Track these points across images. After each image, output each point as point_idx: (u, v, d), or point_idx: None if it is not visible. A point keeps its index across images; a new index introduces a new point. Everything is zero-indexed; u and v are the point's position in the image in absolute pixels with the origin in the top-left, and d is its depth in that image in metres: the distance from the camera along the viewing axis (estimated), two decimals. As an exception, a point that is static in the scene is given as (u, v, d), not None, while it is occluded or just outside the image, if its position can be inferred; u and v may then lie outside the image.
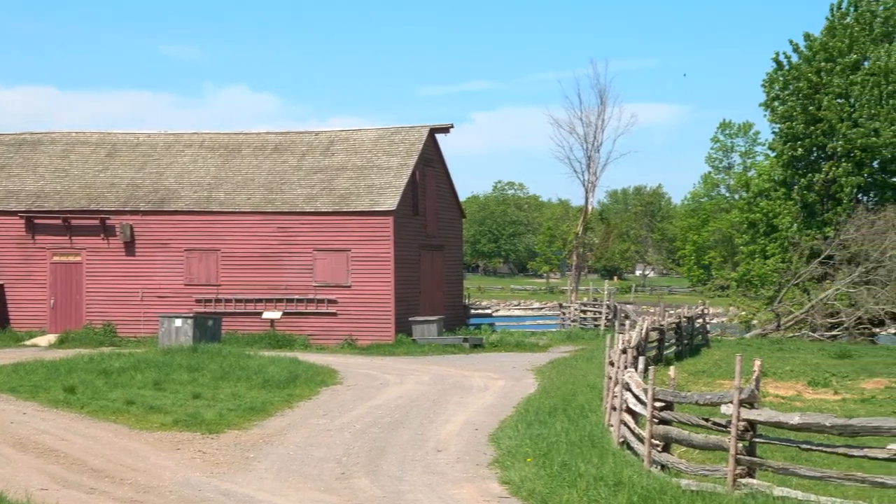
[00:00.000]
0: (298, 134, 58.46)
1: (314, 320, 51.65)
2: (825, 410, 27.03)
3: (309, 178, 54.14)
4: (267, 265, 52.33)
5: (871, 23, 72.90)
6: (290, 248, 52.15)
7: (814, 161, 72.62)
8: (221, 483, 19.76)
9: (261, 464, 21.60)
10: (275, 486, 19.46)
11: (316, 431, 25.48)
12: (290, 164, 55.35)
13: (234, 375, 34.35)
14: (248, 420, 26.99)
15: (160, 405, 28.48)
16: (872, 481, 14.40)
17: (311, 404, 30.52)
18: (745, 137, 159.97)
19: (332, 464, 21.50)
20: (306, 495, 18.73)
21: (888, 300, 61.53)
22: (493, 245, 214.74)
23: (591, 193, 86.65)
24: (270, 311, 52.07)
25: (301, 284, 51.93)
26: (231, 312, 51.78)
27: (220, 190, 54.23)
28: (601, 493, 16.78)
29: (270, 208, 52.77)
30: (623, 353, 24.05)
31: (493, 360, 45.09)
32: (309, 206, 52.43)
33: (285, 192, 53.55)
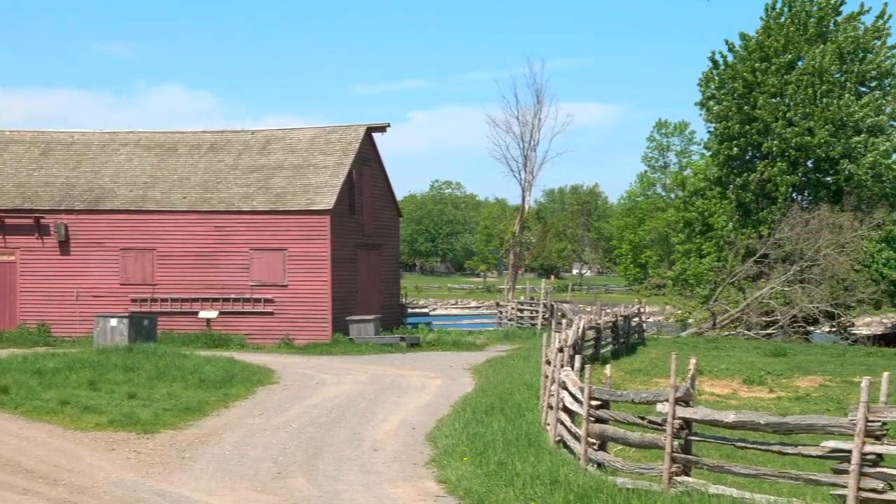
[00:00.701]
0: (235, 133, 58.20)
1: (251, 320, 51.46)
2: (760, 408, 27.23)
3: (245, 177, 53.91)
4: (203, 264, 52.06)
5: (806, 23, 73.48)
6: (226, 247, 51.91)
7: (749, 160, 73.15)
8: (156, 483, 19.60)
9: (196, 464, 21.44)
10: (210, 486, 19.32)
11: (252, 431, 25.34)
12: (226, 163, 55.09)
13: (169, 375, 34.14)
14: (183, 420, 26.80)
15: (95, 405, 28.22)
16: (806, 478, 14.50)
17: (248, 404, 30.36)
18: (681, 137, 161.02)
19: (269, 463, 21.38)
20: (242, 495, 18.62)
21: (822, 299, 62.10)
22: (430, 244, 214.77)
23: (528, 192, 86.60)
24: (207, 311, 51.81)
25: (237, 284, 51.71)
26: (167, 312, 51.47)
27: (155, 189, 53.88)
28: (537, 492, 16.79)
29: (206, 207, 52.49)
30: (560, 352, 24.10)
31: (431, 359, 45.06)
32: (245, 205, 52.20)
33: (221, 191, 53.29)
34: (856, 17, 74.77)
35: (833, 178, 71.37)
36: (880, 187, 70.20)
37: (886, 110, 72.26)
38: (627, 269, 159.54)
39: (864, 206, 67.51)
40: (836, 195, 70.05)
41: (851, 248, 63.81)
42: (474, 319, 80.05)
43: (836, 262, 62.96)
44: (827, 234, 63.60)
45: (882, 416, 13.45)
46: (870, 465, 13.49)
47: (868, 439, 13.50)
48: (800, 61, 71.97)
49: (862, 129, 69.94)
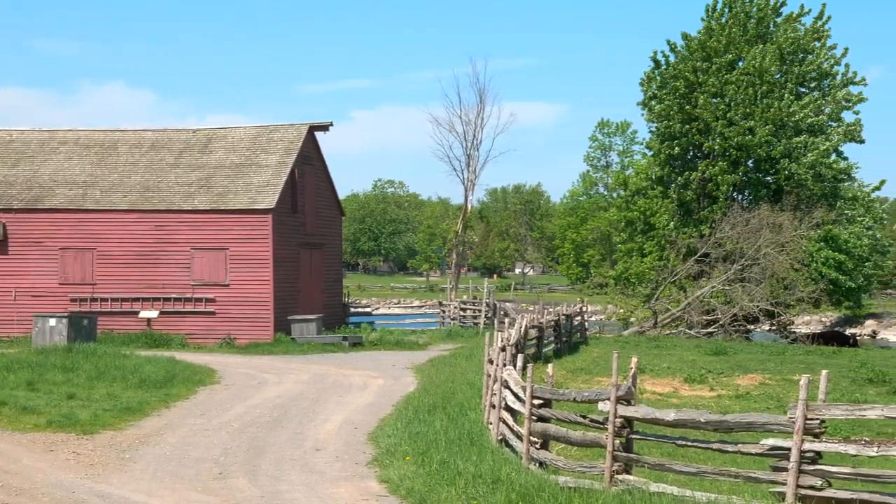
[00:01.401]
0: (176, 131, 57.83)
1: (192, 319, 51.21)
2: (701, 407, 27.32)
3: (186, 176, 53.64)
4: (144, 264, 51.77)
5: (746, 24, 73.99)
6: (167, 246, 51.64)
7: (690, 160, 73.55)
8: (96, 484, 19.43)
9: (137, 464, 21.28)
10: (151, 487, 19.18)
11: (193, 431, 25.20)
12: (167, 162, 54.78)
13: (109, 375, 33.90)
14: (123, 420, 26.62)
15: (33, 406, 27.97)
16: (746, 476, 14.58)
17: (189, 404, 30.20)
18: (623, 136, 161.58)
19: (210, 464, 21.26)
20: (183, 496, 18.50)
21: (762, 298, 62.51)
22: (373, 243, 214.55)
23: (471, 192, 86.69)
24: (147, 311, 51.52)
25: (179, 283, 51.46)
26: (107, 312, 51.16)
27: (95, 188, 53.50)
28: (479, 491, 16.78)
29: (147, 206, 52.19)
30: (502, 351, 24.12)
31: (373, 358, 45.00)
32: (186, 204, 51.94)
33: (162, 190, 52.99)
34: (795, 19, 75.40)
35: (773, 178, 71.83)
36: (820, 187, 70.75)
37: (826, 111, 72.85)
38: (570, 268, 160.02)
39: (804, 206, 68.01)
40: (776, 195, 70.54)
41: (791, 248, 64.27)
42: (417, 319, 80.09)
43: (776, 261, 63.38)
44: (767, 233, 64.02)
45: (820, 414, 13.53)
46: (808, 463, 13.57)
47: (807, 437, 13.58)
48: (740, 62, 72.46)
49: (802, 129, 70.52)
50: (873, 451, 12.89)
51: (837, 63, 74.77)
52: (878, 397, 32.24)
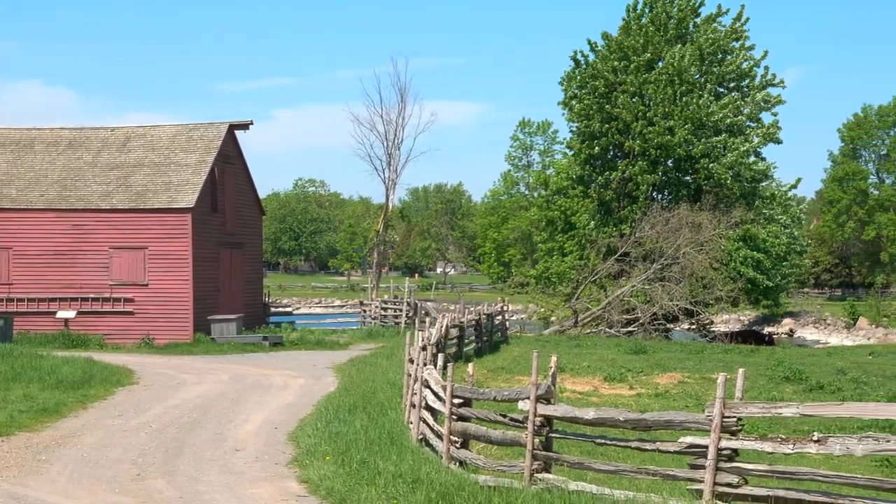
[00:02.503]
0: (94, 129, 57.31)
1: (110, 319, 50.81)
2: (620, 405, 27.47)
3: (105, 175, 53.18)
4: (61, 263, 51.29)
5: (666, 24, 74.51)
6: (85, 245, 51.20)
7: (611, 159, 73.94)
8: (11, 486, 19.18)
9: (53, 466, 21.04)
10: (68, 489, 18.97)
11: (111, 432, 24.96)
12: (85, 161, 54.28)
13: (25, 376, 33.52)
14: (40, 421, 26.31)
15: (-53, 408, 27.62)
16: (664, 474, 14.66)
17: (107, 405, 29.91)
18: (545, 136, 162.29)
19: (128, 465, 21.07)
20: (100, 497, 18.31)
21: (682, 297, 62.97)
22: (294, 243, 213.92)
23: (392, 191, 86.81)
24: (65, 311, 51.04)
25: (97, 283, 51.03)
26: (23, 312, 50.66)
27: (11, 186, 52.91)
28: (400, 491, 16.76)
29: (65, 205, 51.70)
30: (423, 351, 24.11)
31: (294, 358, 44.87)
32: (105, 203, 51.51)
33: (80, 188, 52.51)
34: (714, 19, 76.08)
35: (693, 178, 72.39)
36: (739, 186, 71.42)
37: (745, 111, 73.52)
38: (491, 267, 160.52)
39: (723, 206, 68.65)
40: (695, 194, 71.10)
41: (710, 247, 64.79)
42: (338, 318, 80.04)
43: (695, 260, 63.86)
44: (687, 232, 64.49)
45: (737, 412, 13.63)
46: (725, 460, 13.67)
47: (724, 435, 13.67)
48: (660, 61, 72.92)
49: (721, 129, 71.15)
50: (789, 448, 13.00)
51: (756, 65, 75.54)
52: (795, 395, 32.59)
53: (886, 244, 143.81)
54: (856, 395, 32.57)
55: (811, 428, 22.42)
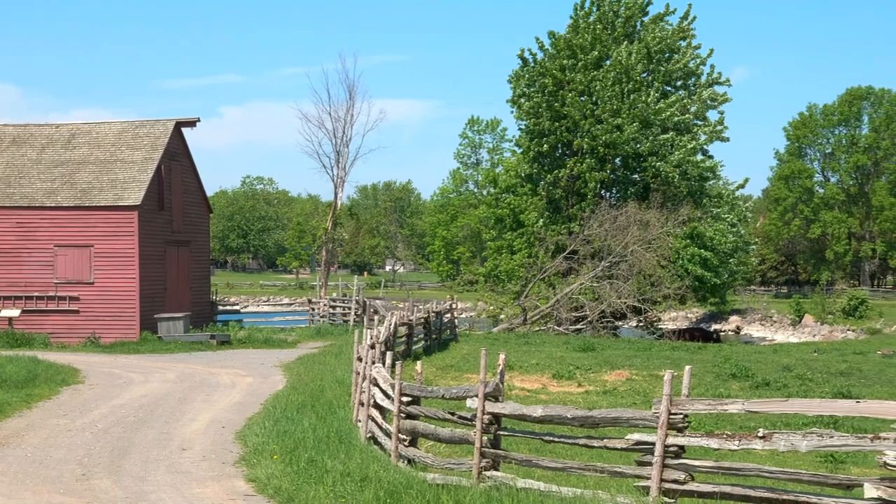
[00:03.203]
0: (38, 126, 56.89)
1: (55, 318, 50.47)
2: (569, 403, 27.53)
3: (49, 172, 52.80)
4: (5, 262, 50.96)
5: (613, 22, 74.79)
6: (29, 243, 50.83)
7: (559, 157, 74.08)
8: (-46, 487, 19.01)
9: (-3, 466, 20.88)
10: (11, 490, 18.79)
11: (56, 432, 24.77)
12: (29, 158, 53.87)
13: (-31, 376, 33.22)
14: (-16, 422, 26.11)
15: None
16: (611, 471, 14.69)
17: (51, 404, 29.69)
18: (494, 134, 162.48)
19: (73, 465, 20.91)
20: (45, 498, 18.15)
21: (630, 294, 63.19)
22: (241, 240, 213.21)
23: (341, 189, 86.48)
24: (8, 309, 50.67)
25: (41, 281, 50.67)
26: (-32, 311, 50.23)
27: (-45, 184, 52.48)
28: (348, 489, 16.71)
29: (8, 203, 51.30)
30: (371, 349, 24.05)
31: (241, 356, 44.73)
32: (49, 200, 51.14)
33: (24, 186, 52.10)
34: (662, 18, 76.43)
35: (641, 176, 72.70)
36: (686, 185, 71.77)
37: (692, 109, 73.90)
38: (440, 265, 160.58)
39: (671, 204, 68.96)
40: (643, 192, 71.39)
41: (658, 245, 65.06)
42: (286, 317, 79.62)
43: (643, 258, 64.09)
44: (635, 230, 64.72)
45: (684, 409, 13.68)
46: (672, 457, 13.72)
47: (671, 431, 13.72)
48: (608, 60, 73.15)
49: (669, 127, 71.44)
50: (735, 444, 13.07)
51: (703, 63, 76.00)
52: (742, 392, 32.77)
53: (831, 242, 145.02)
54: (801, 392, 32.80)
55: (757, 424, 22.55)
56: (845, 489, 12.51)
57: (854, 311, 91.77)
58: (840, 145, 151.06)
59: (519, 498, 14.79)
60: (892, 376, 38.35)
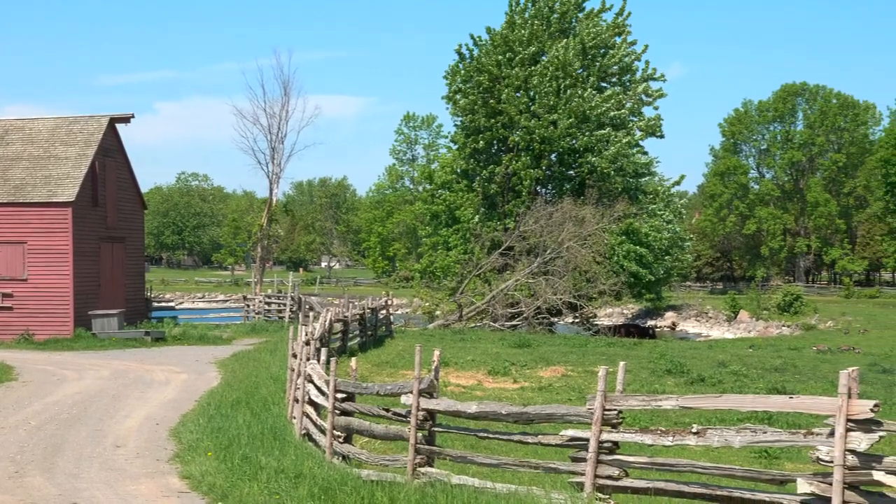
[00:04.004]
0: (-30, 122, 56.29)
1: (-12, 315, 49.98)
2: (504, 399, 27.60)
3: (-18, 168, 52.28)
4: (-63, 258, 50.35)
5: (549, 18, 75.04)
6: (-39, 240, 50.29)
7: (495, 154, 74.26)
8: None
9: (-72, 465, 20.65)
10: (-58, 488, 18.62)
11: (-12, 430, 24.55)
12: (-39, 154, 53.32)
13: None
14: (-86, 420, 25.82)
15: None
16: (546, 467, 14.73)
17: (-16, 402, 29.43)
18: (429, 130, 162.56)
19: (6, 462, 20.72)
20: (-24, 496, 18.00)
21: (565, 290, 63.41)
22: (176, 237, 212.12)
23: (276, 185, 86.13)
24: (-59, 306, 50.14)
25: (-26, 278, 50.15)
26: None
27: None
28: (282, 486, 16.67)
29: (-59, 199, 50.76)
30: (306, 345, 24.01)
31: (176, 353, 44.51)
32: (-18, 196, 50.64)
33: (-43, 182, 51.57)
34: (597, 14, 76.77)
35: (576, 172, 72.98)
36: (622, 181, 72.11)
37: (627, 105, 74.26)
38: (376, 261, 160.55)
39: (606, 200, 69.26)
40: (579, 189, 71.67)
41: (593, 241, 65.33)
42: (221, 313, 79.38)
43: (578, 254, 64.33)
44: (570, 226, 64.96)
45: (618, 405, 13.73)
46: (606, 453, 13.76)
47: (605, 427, 13.77)
48: (543, 55, 73.37)
49: (604, 122, 71.76)
50: (668, 440, 13.13)
51: (638, 59, 76.44)
52: (677, 388, 32.94)
53: (767, 238, 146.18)
54: (736, 388, 33.00)
55: (692, 420, 22.69)
56: (779, 485, 12.60)
57: (789, 306, 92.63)
58: (775, 142, 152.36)
59: (453, 494, 14.79)
60: (827, 372, 38.65)
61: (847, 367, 11.37)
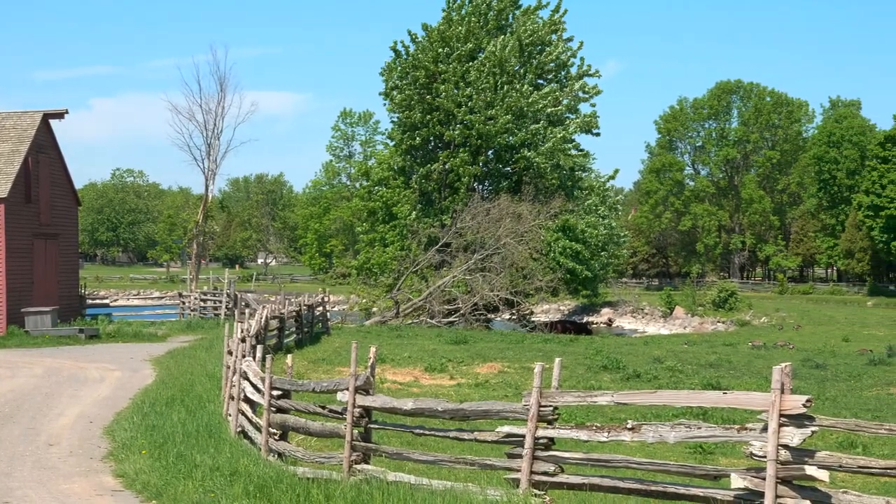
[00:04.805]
0: None
1: (-81, 312, 49.43)
2: (441, 396, 27.58)
3: (-88, 164, 51.66)
4: None
5: (486, 15, 75.18)
6: None
7: (432, 150, 74.30)
8: None
9: None
10: None
11: (-81, 429, 24.25)
12: None
13: None
14: None
15: None
16: (482, 463, 14.73)
17: (-86, 401, 29.07)
18: (366, 126, 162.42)
19: (-64, 462, 20.49)
20: None
21: (502, 287, 63.50)
22: (111, 233, 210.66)
23: (212, 181, 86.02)
24: None
25: None
26: None
27: None
28: (217, 484, 16.56)
29: None
30: (242, 342, 23.90)
31: (111, 350, 44.17)
32: (-87, 192, 50.05)
33: None
34: (533, 11, 76.98)
35: (513, 168, 73.15)
36: (558, 176, 72.32)
37: (564, 101, 74.54)
38: (313, 258, 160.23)
39: (543, 196, 69.46)
40: (516, 185, 71.85)
41: (530, 238, 65.50)
42: (157, 310, 78.93)
43: (515, 250, 64.47)
44: (507, 223, 65.08)
45: (554, 401, 13.74)
46: (542, 449, 13.77)
47: (541, 424, 13.78)
48: (481, 52, 73.49)
49: (541, 118, 71.98)
50: (604, 436, 13.16)
51: (574, 56, 76.77)
52: (613, 384, 33.09)
53: (702, 234, 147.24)
54: (671, 384, 33.21)
55: (627, 416, 22.79)
56: (713, 480, 12.67)
57: (724, 302, 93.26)
58: (710, 139, 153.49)
59: (389, 491, 14.75)
60: (761, 368, 38.98)
61: (781, 363, 11.43)
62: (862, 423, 11.25)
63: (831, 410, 27.72)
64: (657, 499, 12.98)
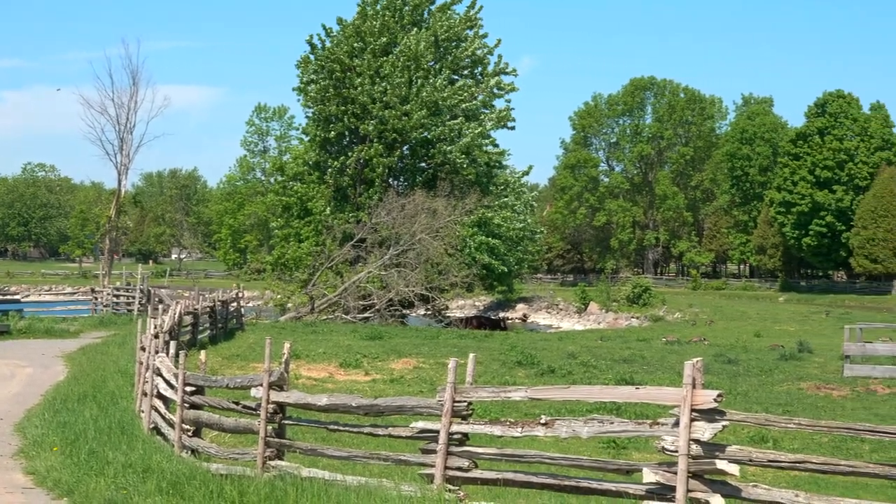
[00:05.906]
0: None
1: None
2: (355, 391, 27.51)
3: None
4: None
5: (401, 10, 75.18)
6: None
7: (347, 144, 74.22)
8: None
9: None
10: None
11: None
12: None
13: None
14: None
15: None
16: (396, 459, 14.73)
17: None
18: (281, 121, 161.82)
19: None
20: None
21: (418, 282, 63.57)
22: (22, 228, 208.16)
23: (125, 176, 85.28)
24: None
25: None
26: None
27: None
28: (129, 481, 16.42)
29: None
30: (155, 338, 23.72)
31: (21, 347, 43.66)
32: None
33: None
34: (449, 7, 77.09)
35: (428, 163, 73.21)
36: (474, 171, 72.49)
37: (479, 97, 74.75)
38: (227, 253, 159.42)
39: (458, 192, 69.57)
40: (431, 181, 71.93)
41: (446, 233, 65.58)
42: (69, 306, 78.12)
43: (430, 246, 64.53)
44: (422, 218, 65.11)
45: (468, 397, 13.76)
46: (456, 445, 13.79)
47: (455, 419, 13.79)
48: (396, 46, 73.50)
49: (457, 113, 72.11)
50: (518, 431, 13.20)
51: (490, 52, 76.98)
52: (527, 379, 33.24)
53: (616, 230, 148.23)
54: (585, 379, 33.40)
55: (541, 411, 22.89)
56: (625, 474, 12.74)
57: (638, 298, 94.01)
58: (624, 135, 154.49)
59: (303, 487, 14.71)
60: (674, 363, 39.31)
61: (693, 358, 11.53)
62: (772, 418, 11.37)
63: (743, 405, 28.03)
64: (570, 493, 13.06)
